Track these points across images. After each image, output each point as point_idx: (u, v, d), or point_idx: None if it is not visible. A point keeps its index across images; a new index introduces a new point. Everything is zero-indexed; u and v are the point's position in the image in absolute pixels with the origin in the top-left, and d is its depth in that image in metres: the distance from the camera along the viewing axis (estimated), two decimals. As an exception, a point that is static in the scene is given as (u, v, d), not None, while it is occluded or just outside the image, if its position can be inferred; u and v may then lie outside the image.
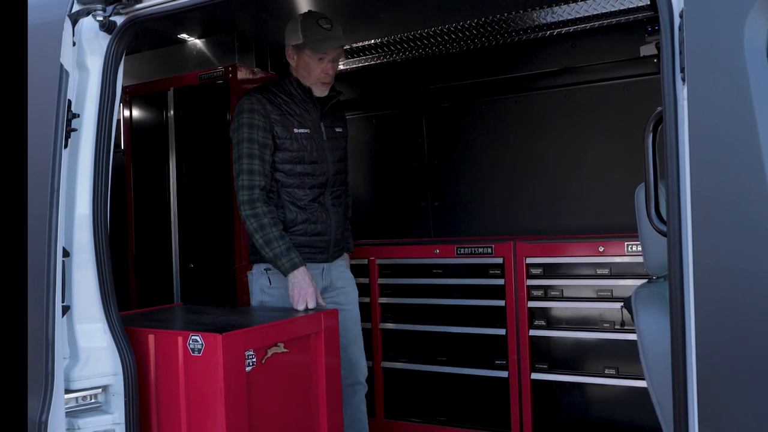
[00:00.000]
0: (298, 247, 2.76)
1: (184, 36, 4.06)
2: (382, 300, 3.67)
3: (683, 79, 1.45)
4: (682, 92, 1.45)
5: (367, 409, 3.10)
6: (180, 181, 4.10)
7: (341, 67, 4.20)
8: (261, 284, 2.83)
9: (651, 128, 1.58)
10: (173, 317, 2.77)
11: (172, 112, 4.11)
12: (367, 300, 3.65)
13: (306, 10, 3.15)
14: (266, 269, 2.82)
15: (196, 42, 4.10)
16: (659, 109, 1.56)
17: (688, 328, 1.41)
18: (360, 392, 3.01)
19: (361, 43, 4.10)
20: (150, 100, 4.21)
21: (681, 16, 1.47)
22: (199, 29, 3.98)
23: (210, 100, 3.97)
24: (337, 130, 2.96)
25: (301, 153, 2.79)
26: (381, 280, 3.67)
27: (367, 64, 4.13)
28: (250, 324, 2.43)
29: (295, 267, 2.66)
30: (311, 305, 2.64)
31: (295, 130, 2.78)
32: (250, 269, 2.92)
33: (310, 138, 2.81)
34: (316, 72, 2.80)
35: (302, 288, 2.64)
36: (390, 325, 3.67)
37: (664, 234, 1.50)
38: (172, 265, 4.12)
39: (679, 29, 1.48)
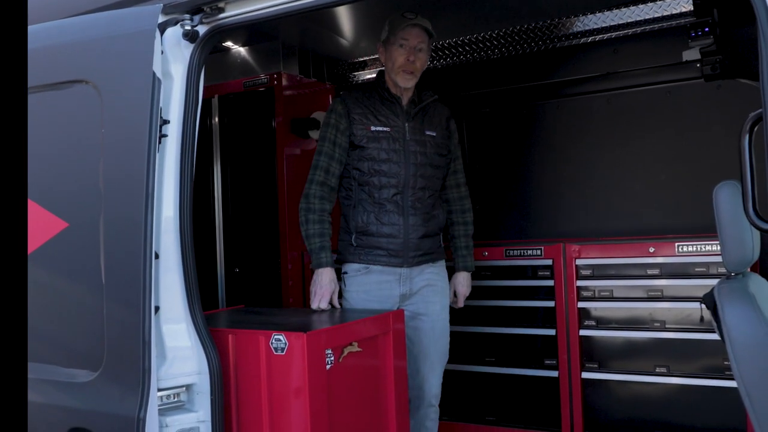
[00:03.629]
0: (371, 248, 2.82)
1: (228, 44, 4.13)
2: (430, 302, 3.71)
3: (783, 85, 1.52)
4: (783, 97, 1.52)
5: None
6: (225, 186, 4.16)
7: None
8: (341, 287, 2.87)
9: (747, 129, 1.64)
10: (243, 319, 2.82)
11: (216, 119, 4.17)
12: (415, 302, 3.70)
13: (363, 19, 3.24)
14: (344, 273, 2.88)
15: (240, 50, 4.17)
16: (755, 112, 1.62)
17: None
18: (431, 416, 2.94)
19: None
20: (195, 107, 4.27)
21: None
22: (243, 37, 4.06)
23: (254, 107, 4.04)
24: (428, 133, 2.93)
25: (376, 150, 2.81)
26: (429, 283, 3.71)
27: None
28: (324, 324, 2.49)
29: (320, 266, 2.76)
30: (324, 305, 2.74)
31: (373, 128, 2.82)
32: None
33: (388, 136, 2.82)
34: (400, 60, 2.83)
35: (322, 287, 2.74)
36: (438, 327, 3.70)
37: (766, 231, 1.56)
38: (217, 270, 4.18)
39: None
